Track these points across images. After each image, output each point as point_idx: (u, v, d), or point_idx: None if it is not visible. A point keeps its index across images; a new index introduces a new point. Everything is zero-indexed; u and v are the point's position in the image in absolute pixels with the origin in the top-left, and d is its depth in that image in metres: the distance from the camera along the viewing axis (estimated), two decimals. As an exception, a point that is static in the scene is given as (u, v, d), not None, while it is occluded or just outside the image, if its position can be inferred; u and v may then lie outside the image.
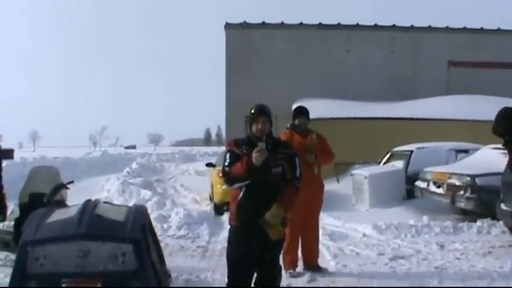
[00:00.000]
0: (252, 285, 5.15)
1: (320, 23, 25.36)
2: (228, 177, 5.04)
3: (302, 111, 7.71)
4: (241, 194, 5.07)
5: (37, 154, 42.44)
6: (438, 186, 11.65)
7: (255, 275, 5.15)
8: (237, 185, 5.03)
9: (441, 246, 9.07)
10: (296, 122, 7.65)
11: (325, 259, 8.16)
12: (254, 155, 4.82)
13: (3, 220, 6.43)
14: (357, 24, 25.51)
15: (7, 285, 4.36)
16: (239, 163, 4.93)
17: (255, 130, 5.11)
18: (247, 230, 4.99)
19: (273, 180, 5.03)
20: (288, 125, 7.78)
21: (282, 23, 25.39)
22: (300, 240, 7.54)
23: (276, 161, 5.05)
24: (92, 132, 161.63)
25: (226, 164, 5.06)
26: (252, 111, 5.20)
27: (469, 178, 10.65)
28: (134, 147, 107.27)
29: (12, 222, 6.80)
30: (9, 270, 4.63)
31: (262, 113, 5.17)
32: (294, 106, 8.77)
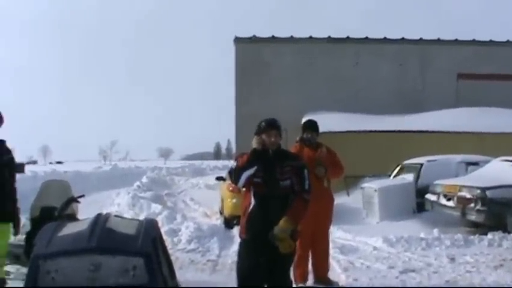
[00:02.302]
0: None
1: (329, 37, 25.40)
2: (233, 173, 5.15)
3: (311, 125, 7.72)
4: (251, 207, 5.14)
5: (48, 168, 42.54)
6: (449, 199, 11.62)
7: None
8: (244, 177, 5.07)
9: (452, 259, 9.03)
10: (305, 135, 7.66)
11: (335, 272, 8.15)
12: (254, 141, 5.11)
13: (16, 234, 6.46)
14: (366, 37, 25.54)
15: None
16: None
17: (268, 143, 5.14)
18: (256, 243, 5.04)
19: (282, 193, 5.09)
20: (298, 139, 7.79)
21: (292, 36, 25.45)
22: (310, 254, 7.54)
23: (284, 174, 5.11)
24: (102, 147, 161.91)
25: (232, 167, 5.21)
26: (263, 125, 5.23)
27: (479, 191, 10.63)
28: (61, 162, 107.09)
29: (24, 236, 6.85)
30: (21, 284, 4.66)
31: (273, 126, 5.21)
32: (304, 120, 8.81)
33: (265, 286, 5.15)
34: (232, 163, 5.35)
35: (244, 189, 5.35)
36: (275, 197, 5.06)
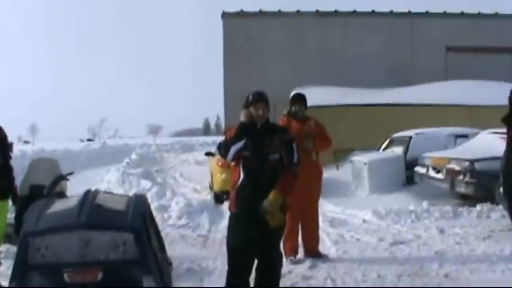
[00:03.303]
0: (253, 272, 5.17)
1: (317, 11, 25.26)
2: (221, 146, 5.15)
3: (299, 98, 7.71)
4: (240, 181, 5.10)
5: (36, 147, 42.37)
6: (438, 172, 11.66)
7: (256, 261, 5.15)
8: (232, 150, 5.04)
9: (441, 231, 9.09)
10: (293, 108, 7.65)
11: (325, 245, 8.18)
12: (241, 114, 5.14)
13: (15, 205, 6.45)
14: (355, 11, 25.43)
15: (10, 277, 4.38)
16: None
17: (256, 116, 5.10)
18: (246, 216, 5.01)
19: (271, 166, 5.06)
20: (285, 112, 7.78)
21: (279, 11, 25.32)
22: (300, 227, 7.56)
23: (273, 147, 5.08)
24: (91, 124, 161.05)
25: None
26: (251, 98, 5.19)
27: (468, 163, 10.66)
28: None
29: (13, 214, 6.83)
30: (11, 262, 4.66)
31: (261, 99, 5.17)
32: (292, 93, 8.77)
33: (256, 260, 5.14)
34: (221, 138, 5.31)
35: (233, 163, 5.29)
36: (264, 171, 5.04)
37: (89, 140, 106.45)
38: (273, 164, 5.07)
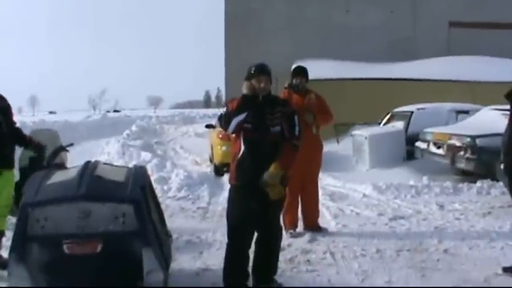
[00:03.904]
0: (253, 245, 5.17)
1: (320, -16, 25.09)
2: (222, 118, 5.12)
3: (301, 71, 7.66)
4: (241, 153, 5.07)
5: (37, 118, 42.34)
6: (439, 147, 11.65)
7: (256, 234, 5.17)
8: (234, 123, 5.00)
9: (441, 207, 9.11)
10: (294, 81, 7.60)
11: (325, 219, 8.20)
12: (243, 87, 5.05)
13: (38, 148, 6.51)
14: (358, -16, 25.24)
15: (9, 248, 4.38)
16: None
17: (258, 89, 5.05)
18: (246, 189, 4.99)
19: (272, 139, 5.03)
20: (286, 85, 7.73)
21: (281, -17, 25.13)
22: (300, 201, 7.56)
23: (274, 120, 5.05)
24: (91, 96, 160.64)
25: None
26: (253, 70, 5.12)
27: (469, 139, 10.65)
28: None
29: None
30: (11, 234, 4.65)
31: (263, 72, 5.10)
32: (293, 66, 8.72)
33: (256, 232, 5.15)
34: (221, 111, 5.25)
35: (234, 135, 5.25)
36: (265, 143, 5.01)
37: (115, 111, 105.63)
38: (274, 137, 5.04)
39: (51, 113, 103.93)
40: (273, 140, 5.05)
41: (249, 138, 5.05)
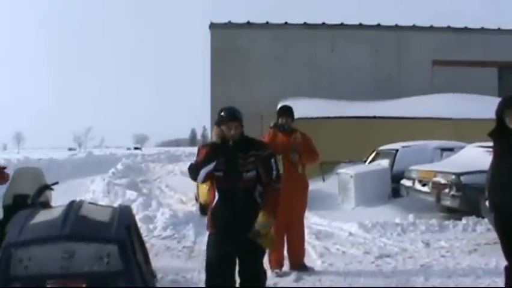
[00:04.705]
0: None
1: (305, 23, 25.33)
2: (192, 168, 4.98)
3: (286, 111, 7.71)
4: (215, 202, 5.04)
5: (21, 156, 42.15)
6: (424, 185, 11.69)
7: (239, 279, 5.07)
8: (202, 173, 4.87)
9: (427, 244, 9.11)
10: (280, 121, 7.64)
11: (311, 258, 8.17)
12: (213, 132, 5.03)
13: None
14: (342, 23, 25.49)
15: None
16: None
17: (228, 135, 4.93)
18: (223, 236, 4.94)
19: (246, 185, 4.93)
20: (272, 124, 7.77)
21: (267, 22, 25.31)
22: (285, 240, 7.54)
23: (248, 165, 4.92)
24: (76, 133, 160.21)
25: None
26: (223, 115, 4.99)
27: (454, 176, 10.70)
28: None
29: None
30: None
31: (234, 118, 4.97)
32: (279, 105, 8.77)
33: (239, 277, 5.06)
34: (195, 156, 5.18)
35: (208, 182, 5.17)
36: (239, 190, 4.90)
37: (136, 148, 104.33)
38: (248, 183, 4.93)
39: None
40: (247, 186, 4.94)
41: (221, 186, 5.00)
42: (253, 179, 4.94)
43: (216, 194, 5.01)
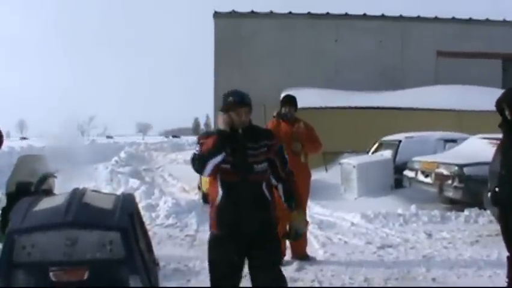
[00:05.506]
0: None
1: (309, 12, 25.24)
2: (196, 160, 4.33)
3: (289, 100, 7.70)
4: (219, 198, 4.39)
5: (25, 143, 42.16)
6: (427, 176, 11.69)
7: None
8: (210, 166, 4.22)
9: (429, 235, 9.12)
10: (283, 110, 7.63)
11: (313, 248, 8.19)
12: (219, 120, 4.32)
13: None
14: (346, 13, 25.42)
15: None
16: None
17: (237, 122, 4.32)
18: (230, 240, 4.38)
19: (255, 179, 4.35)
20: (275, 114, 7.77)
21: (271, 12, 25.26)
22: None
23: (259, 156, 4.35)
24: (79, 122, 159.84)
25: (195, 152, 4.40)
26: (232, 100, 4.42)
27: (456, 168, 10.70)
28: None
29: (-1, 212, 6.76)
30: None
31: (244, 102, 4.39)
32: (282, 95, 8.76)
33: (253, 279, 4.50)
34: (195, 147, 4.48)
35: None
36: (248, 184, 4.29)
37: (174, 136, 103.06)
38: (258, 177, 4.36)
39: (23, 139, 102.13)
40: (258, 180, 4.37)
41: (227, 181, 4.33)
42: (264, 172, 4.41)
43: (220, 189, 4.35)
